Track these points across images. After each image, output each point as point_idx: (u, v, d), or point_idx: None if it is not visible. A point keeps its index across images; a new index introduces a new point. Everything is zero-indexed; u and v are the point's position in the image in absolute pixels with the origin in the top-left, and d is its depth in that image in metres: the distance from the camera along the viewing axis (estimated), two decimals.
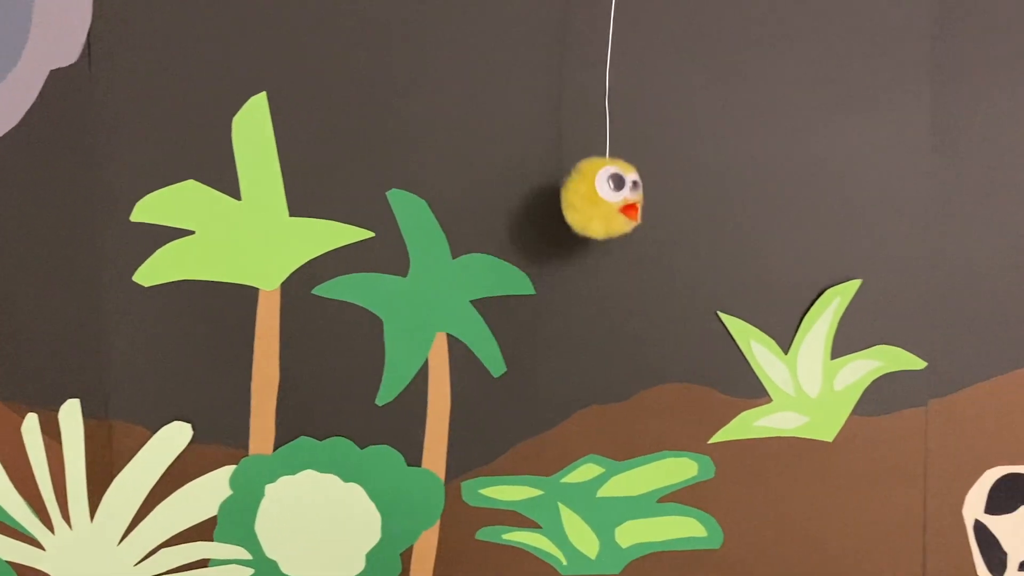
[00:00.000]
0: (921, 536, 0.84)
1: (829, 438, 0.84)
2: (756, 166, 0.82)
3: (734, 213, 0.82)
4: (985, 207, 0.82)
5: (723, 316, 0.83)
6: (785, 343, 0.83)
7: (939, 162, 0.81)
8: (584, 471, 0.85)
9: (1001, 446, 0.84)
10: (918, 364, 0.83)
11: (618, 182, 0.73)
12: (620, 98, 0.80)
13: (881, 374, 0.83)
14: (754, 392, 0.84)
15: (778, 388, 0.83)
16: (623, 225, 0.73)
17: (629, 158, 0.77)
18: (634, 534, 0.85)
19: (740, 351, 0.83)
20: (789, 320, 0.83)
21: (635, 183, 0.74)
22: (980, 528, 0.84)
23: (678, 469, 0.85)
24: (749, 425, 0.84)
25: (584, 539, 0.85)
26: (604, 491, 0.85)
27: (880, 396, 0.84)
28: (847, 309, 0.83)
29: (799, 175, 0.82)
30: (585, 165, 0.74)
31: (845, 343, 0.83)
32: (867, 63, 0.81)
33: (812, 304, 0.82)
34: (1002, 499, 0.84)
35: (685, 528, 0.85)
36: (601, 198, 0.72)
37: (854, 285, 0.82)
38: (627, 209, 0.73)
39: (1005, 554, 0.84)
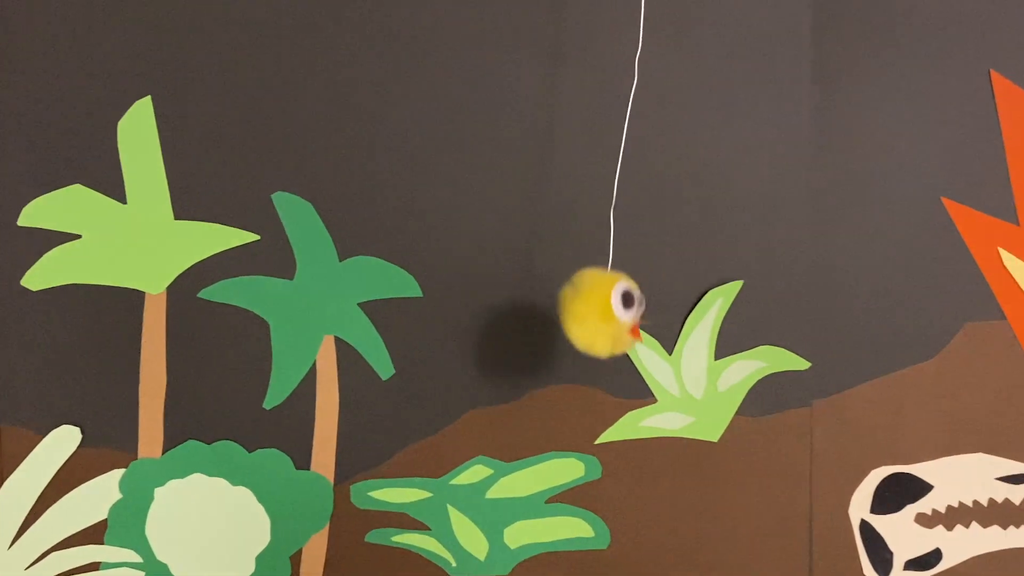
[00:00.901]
0: (807, 536, 0.85)
1: (714, 438, 0.84)
2: (639, 169, 0.82)
3: (617, 214, 0.82)
4: (866, 209, 0.82)
5: None
6: (669, 344, 0.84)
7: (819, 164, 0.81)
8: (472, 473, 0.85)
9: (886, 446, 0.84)
10: (802, 364, 0.84)
11: (628, 300, 0.70)
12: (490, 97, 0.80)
13: (765, 375, 0.84)
14: (639, 393, 0.84)
15: (663, 389, 0.84)
16: (628, 345, 0.72)
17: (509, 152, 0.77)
18: (523, 535, 0.85)
19: (625, 352, 0.83)
20: (673, 321, 0.83)
21: (641, 301, 0.71)
22: (866, 528, 0.85)
23: (565, 470, 0.85)
24: (635, 425, 0.84)
25: (473, 540, 0.85)
26: (493, 492, 0.85)
27: (764, 396, 0.84)
28: (730, 310, 0.83)
29: (682, 177, 0.82)
30: (586, 279, 0.72)
31: (729, 344, 0.83)
32: (748, 66, 0.81)
33: (695, 305, 0.83)
34: (888, 499, 0.84)
35: (573, 528, 0.85)
36: (615, 317, 0.69)
37: (736, 286, 0.83)
38: (634, 330, 0.71)
39: (891, 554, 0.85)
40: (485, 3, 0.81)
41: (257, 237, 0.83)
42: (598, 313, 0.70)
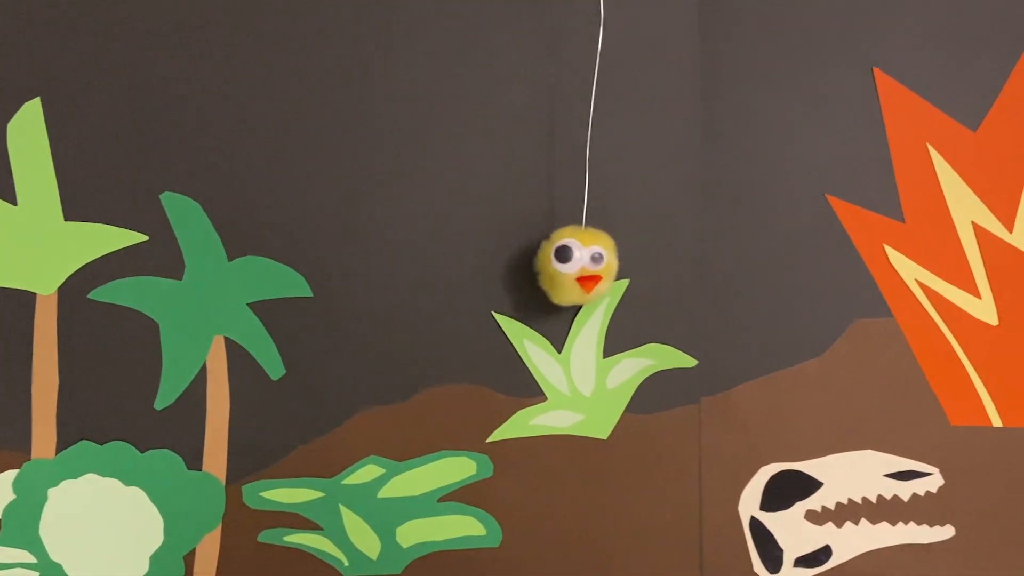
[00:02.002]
0: (697, 533, 0.85)
1: (604, 436, 0.85)
2: (528, 167, 0.82)
3: (506, 213, 0.83)
4: (752, 207, 0.83)
5: (498, 316, 0.83)
6: (559, 343, 0.84)
7: (706, 164, 0.82)
8: (365, 472, 0.85)
9: (775, 443, 0.84)
10: (689, 362, 0.84)
11: (567, 253, 0.74)
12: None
13: (653, 372, 0.84)
14: (530, 391, 0.84)
15: (553, 387, 0.84)
16: (580, 296, 0.76)
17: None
18: (415, 534, 0.86)
19: (515, 351, 0.84)
20: (562, 320, 0.84)
21: (597, 255, 0.75)
22: (756, 525, 0.85)
23: (457, 468, 0.85)
24: (525, 424, 0.84)
25: (365, 540, 0.86)
26: (385, 492, 0.85)
27: (653, 394, 0.84)
28: (617, 309, 0.83)
29: (567, 175, 0.82)
30: (554, 235, 0.78)
31: (617, 342, 0.84)
32: (634, 65, 0.81)
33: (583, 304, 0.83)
34: (777, 496, 0.84)
35: (464, 527, 0.85)
36: (555, 270, 0.75)
37: (622, 285, 0.83)
38: (583, 280, 0.75)
39: (781, 551, 0.85)
40: (358, 4, 0.82)
41: (146, 237, 0.83)
42: (547, 266, 0.76)
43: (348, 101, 0.82)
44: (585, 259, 0.75)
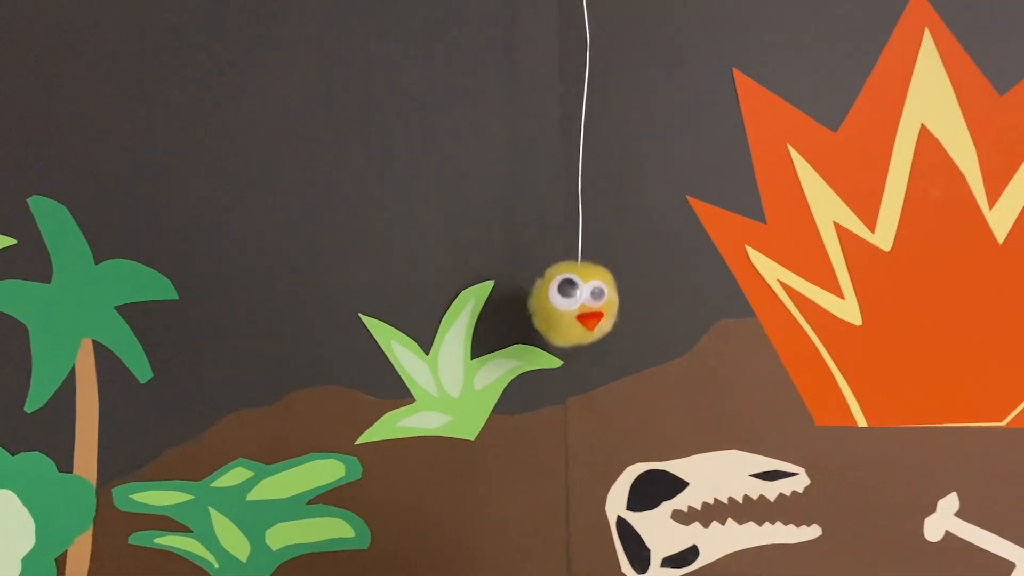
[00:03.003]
0: (564, 533, 0.85)
1: (472, 437, 0.85)
2: (393, 169, 0.83)
3: (372, 214, 0.83)
4: (616, 208, 0.83)
5: (365, 318, 0.84)
6: (426, 344, 0.84)
7: (568, 167, 0.82)
8: (234, 475, 0.85)
9: (641, 443, 0.85)
10: (554, 363, 0.84)
11: (570, 289, 0.71)
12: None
13: (520, 373, 0.84)
14: (398, 393, 0.85)
15: (420, 388, 0.84)
16: (581, 335, 0.72)
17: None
18: (284, 536, 0.86)
19: (383, 353, 0.84)
20: (430, 321, 0.84)
21: (597, 291, 0.72)
22: (623, 525, 0.85)
23: (326, 471, 0.85)
24: (393, 426, 0.85)
25: (235, 542, 0.86)
26: (254, 495, 0.85)
27: (520, 394, 0.84)
28: (484, 310, 0.83)
29: (433, 178, 0.83)
30: (549, 272, 0.74)
31: (484, 343, 0.84)
32: (497, 68, 0.82)
33: (450, 305, 0.83)
34: (644, 496, 0.85)
35: (333, 529, 0.86)
36: (555, 307, 0.71)
37: (487, 286, 0.83)
38: (584, 318, 0.72)
39: (648, 551, 0.85)
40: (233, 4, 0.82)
41: (14, 241, 0.83)
42: (544, 305, 0.72)
43: (213, 103, 0.82)
44: (585, 295, 0.72)
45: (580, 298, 0.71)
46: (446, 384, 0.84)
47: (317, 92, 0.82)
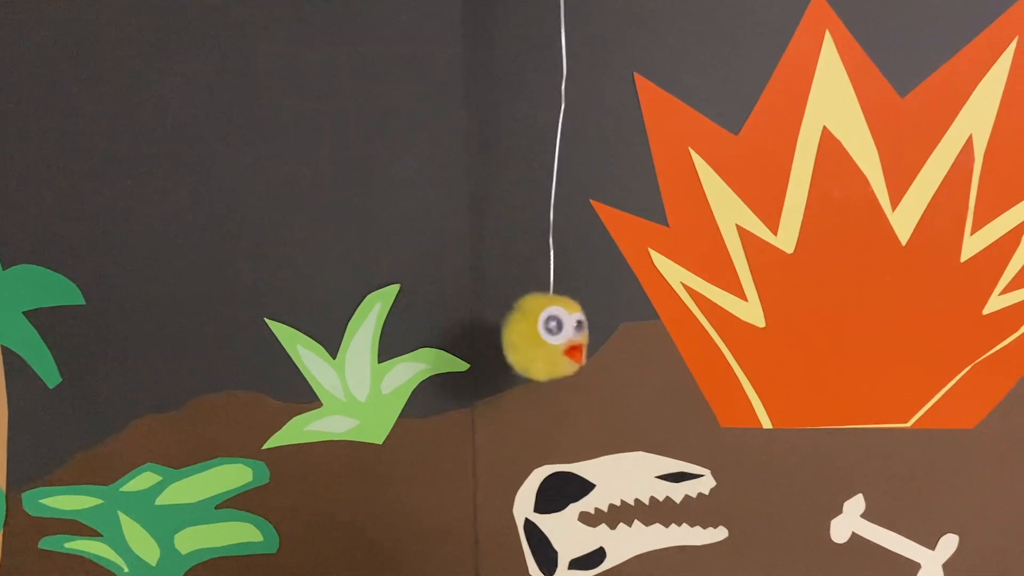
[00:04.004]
0: (472, 536, 0.86)
1: (379, 440, 0.85)
2: (299, 173, 0.83)
3: (278, 219, 0.83)
4: (522, 210, 0.83)
5: (271, 323, 0.84)
6: (333, 348, 0.84)
7: (474, 165, 0.82)
8: (142, 480, 0.86)
9: (548, 445, 0.85)
10: (461, 366, 0.84)
11: (558, 324, 0.71)
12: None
13: (427, 376, 0.84)
14: (305, 397, 0.85)
15: (327, 392, 0.85)
16: (567, 368, 0.72)
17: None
18: (193, 540, 0.86)
19: (290, 357, 0.84)
20: (336, 325, 0.84)
21: (579, 323, 0.72)
22: (530, 527, 0.85)
23: (233, 475, 0.85)
24: (301, 430, 0.85)
25: (144, 546, 0.86)
26: (162, 499, 0.86)
27: (428, 398, 0.85)
28: (390, 313, 0.84)
29: (340, 181, 0.83)
30: (527, 303, 0.73)
31: (391, 347, 0.84)
32: (400, 68, 0.82)
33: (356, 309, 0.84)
34: (550, 498, 0.85)
35: (242, 533, 0.86)
36: (543, 340, 0.71)
37: (393, 290, 0.83)
38: (571, 351, 0.71)
39: (556, 553, 0.85)
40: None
41: None
42: (528, 339, 0.71)
43: (119, 107, 0.82)
44: (571, 329, 0.72)
45: (566, 333, 0.71)
46: (353, 388, 0.85)
47: (223, 95, 0.82)
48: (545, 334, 0.71)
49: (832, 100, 0.81)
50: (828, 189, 0.82)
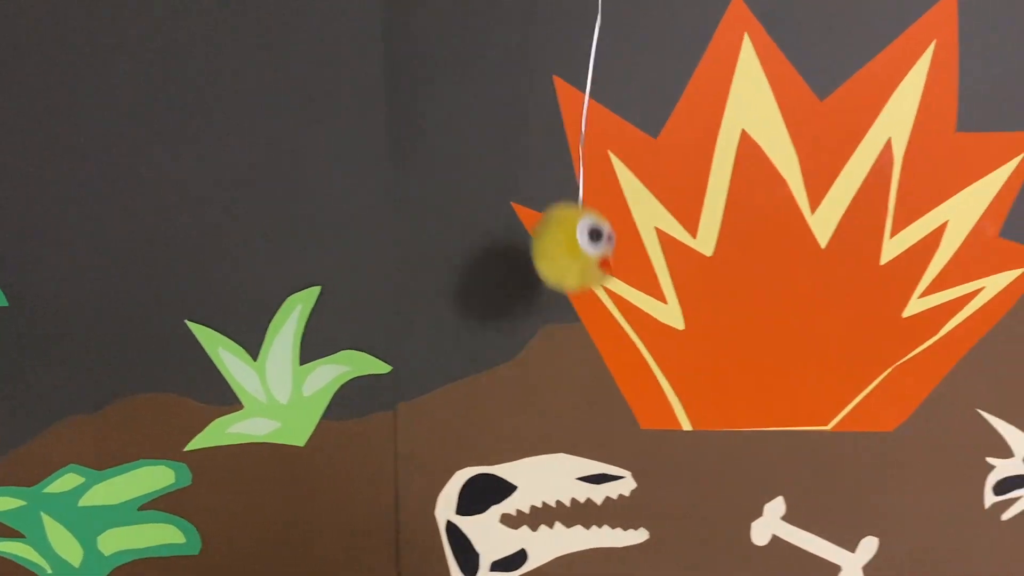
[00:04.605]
0: (395, 537, 0.86)
1: (301, 443, 0.85)
2: (219, 175, 0.83)
3: (199, 220, 0.83)
4: (441, 214, 0.83)
5: (191, 325, 0.84)
6: (254, 350, 0.84)
7: (396, 167, 0.82)
8: (65, 481, 0.86)
9: (470, 447, 0.85)
10: (383, 368, 0.84)
11: (597, 235, 0.70)
12: None
13: (349, 378, 0.85)
14: (226, 399, 0.85)
15: (249, 395, 0.85)
16: (599, 279, 0.71)
17: None
18: (116, 542, 0.86)
19: (211, 359, 0.84)
20: (257, 327, 0.84)
21: (611, 236, 0.71)
22: (452, 529, 0.85)
23: (156, 477, 0.86)
24: (222, 432, 0.85)
25: (68, 548, 0.86)
26: (85, 500, 0.86)
27: (349, 400, 0.85)
28: (312, 315, 0.84)
29: (260, 183, 0.83)
30: (560, 213, 0.72)
31: (313, 349, 0.84)
32: (319, 69, 0.82)
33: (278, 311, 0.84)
34: (473, 500, 0.85)
35: (165, 535, 0.86)
36: (581, 251, 0.69)
37: (314, 292, 0.83)
38: (605, 263, 0.70)
39: (477, 555, 0.86)
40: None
41: None
42: (565, 248, 0.69)
43: (40, 108, 0.82)
44: (607, 240, 0.70)
45: (603, 244, 0.69)
46: (274, 390, 0.85)
47: (144, 99, 0.82)
48: (585, 244, 0.69)
49: (751, 103, 0.81)
50: (747, 192, 0.82)
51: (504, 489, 0.85)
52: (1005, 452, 0.84)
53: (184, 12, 0.81)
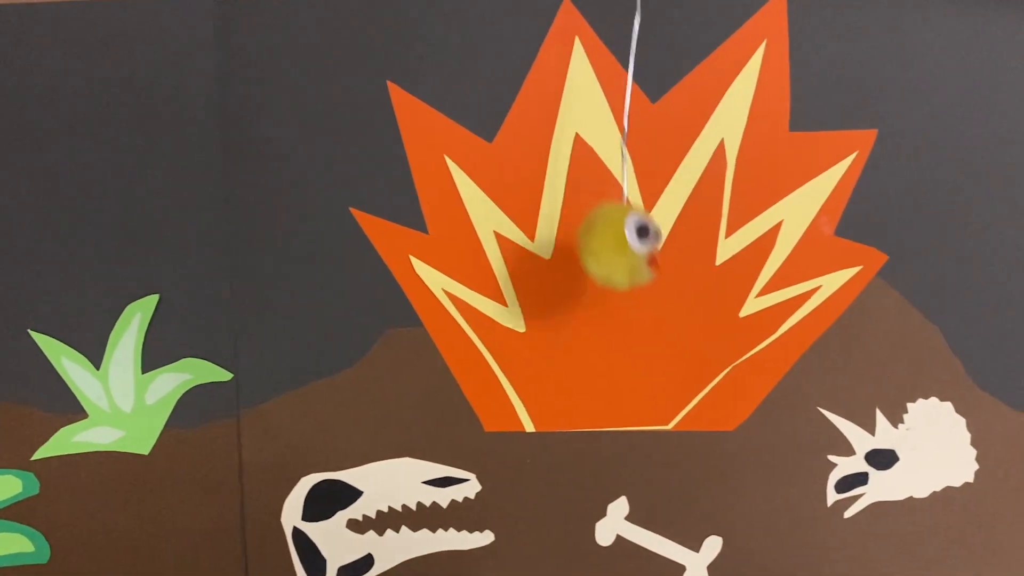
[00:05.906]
0: (240, 546, 0.86)
1: (145, 451, 0.85)
2: (58, 183, 0.83)
3: (40, 228, 0.83)
4: (279, 219, 0.83)
5: (35, 334, 0.84)
6: (97, 359, 0.84)
7: (231, 174, 0.82)
8: None
9: (315, 453, 0.85)
10: (224, 376, 0.85)
11: (644, 231, 0.69)
12: None
13: (191, 386, 0.85)
14: (72, 408, 0.85)
15: (93, 404, 0.85)
16: (647, 277, 0.71)
17: None
18: None
19: (55, 369, 0.84)
20: (99, 336, 0.84)
21: (658, 232, 0.70)
22: (299, 535, 0.86)
23: (3, 487, 0.86)
24: (68, 441, 0.85)
25: None
26: None
27: (193, 408, 0.85)
28: (152, 324, 0.84)
29: (96, 190, 0.83)
30: (608, 211, 0.72)
31: (154, 357, 0.84)
32: (152, 79, 0.82)
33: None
34: (318, 506, 0.85)
35: (13, 544, 0.86)
36: (630, 249, 0.69)
37: (153, 300, 0.83)
38: (653, 260, 0.70)
39: (324, 560, 0.86)
40: None
41: None
42: (613, 246, 0.69)
43: None
44: (655, 237, 0.70)
45: (652, 241, 0.69)
46: (118, 399, 0.85)
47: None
48: (634, 242, 0.69)
49: (584, 107, 0.82)
50: (582, 196, 0.82)
51: (350, 494, 0.85)
52: (847, 450, 0.85)
53: (24, 16, 0.81)
